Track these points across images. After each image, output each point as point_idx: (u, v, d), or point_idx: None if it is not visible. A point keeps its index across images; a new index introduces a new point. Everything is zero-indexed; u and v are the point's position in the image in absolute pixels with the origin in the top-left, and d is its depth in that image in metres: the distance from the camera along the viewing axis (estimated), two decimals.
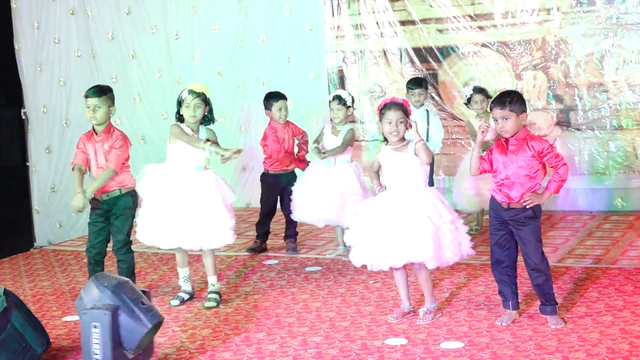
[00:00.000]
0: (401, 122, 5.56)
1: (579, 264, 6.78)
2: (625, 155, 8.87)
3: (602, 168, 8.94)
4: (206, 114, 6.28)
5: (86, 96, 6.27)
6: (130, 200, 6.38)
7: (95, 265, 6.42)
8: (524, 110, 5.39)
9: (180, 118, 6.28)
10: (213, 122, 6.38)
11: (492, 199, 5.50)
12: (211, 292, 6.34)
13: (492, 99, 5.54)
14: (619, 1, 8.72)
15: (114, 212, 6.34)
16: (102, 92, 6.30)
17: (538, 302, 5.52)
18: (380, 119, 5.68)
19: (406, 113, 5.60)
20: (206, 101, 6.24)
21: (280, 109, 7.74)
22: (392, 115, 5.57)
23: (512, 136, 5.36)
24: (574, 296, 5.91)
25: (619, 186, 8.91)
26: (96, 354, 4.68)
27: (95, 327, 4.68)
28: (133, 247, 6.49)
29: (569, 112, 9.02)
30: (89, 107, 6.24)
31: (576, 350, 4.87)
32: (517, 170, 5.34)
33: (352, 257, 5.69)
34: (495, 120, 5.38)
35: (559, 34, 9.01)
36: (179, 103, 6.25)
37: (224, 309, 6.16)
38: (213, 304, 6.23)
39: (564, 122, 9.02)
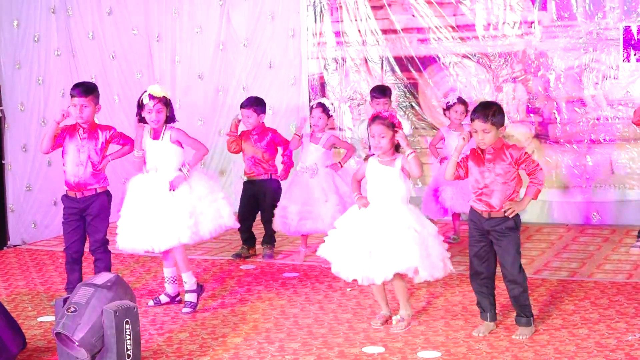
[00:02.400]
0: (383, 137, 5.58)
1: (555, 277, 6.83)
2: (602, 169, 8.95)
3: (579, 181, 9.02)
4: (168, 114, 6.24)
5: (72, 95, 6.24)
6: (105, 199, 6.40)
7: (74, 263, 6.42)
8: (503, 124, 5.44)
9: (141, 119, 6.23)
10: (174, 120, 6.34)
11: (472, 211, 5.54)
12: (187, 291, 6.29)
13: (473, 110, 5.54)
14: (599, 16, 8.80)
15: (90, 212, 6.33)
16: (89, 90, 6.28)
17: (514, 313, 5.57)
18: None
19: (392, 126, 5.61)
20: (167, 103, 6.21)
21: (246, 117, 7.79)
22: (375, 129, 5.62)
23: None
24: (550, 308, 5.96)
25: (595, 200, 8.98)
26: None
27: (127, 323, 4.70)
28: (111, 249, 6.47)
29: (547, 125, 9.09)
30: (75, 106, 6.21)
31: None
32: (495, 179, 5.38)
33: (341, 272, 5.67)
34: (475, 131, 5.42)
35: (540, 47, 9.09)
36: (140, 106, 6.21)
37: (200, 312, 6.15)
38: (188, 309, 6.20)
39: (542, 135, 9.10)
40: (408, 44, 9.59)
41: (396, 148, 5.66)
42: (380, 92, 8.02)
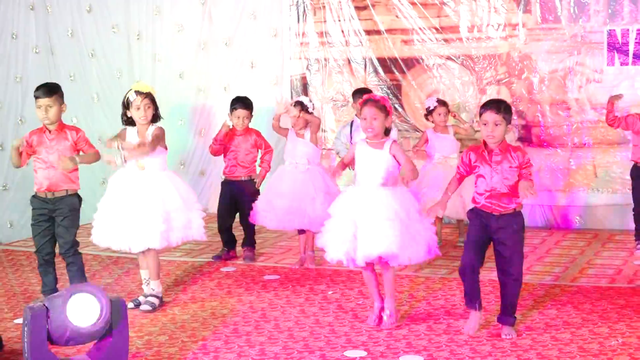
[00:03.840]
0: (375, 119, 5.59)
1: (538, 281, 6.86)
2: (585, 173, 9.00)
3: (562, 185, 9.06)
4: (154, 112, 6.27)
5: (36, 97, 6.24)
6: (76, 201, 6.38)
7: (47, 266, 6.43)
8: (511, 122, 5.44)
9: (128, 121, 6.26)
10: (159, 119, 6.35)
11: (477, 211, 5.52)
12: (150, 295, 6.32)
13: (484, 104, 5.52)
14: (583, 19, 8.86)
15: (59, 213, 6.31)
16: (52, 91, 6.26)
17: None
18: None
19: (384, 109, 5.63)
20: (154, 100, 6.25)
21: (238, 117, 7.77)
22: (367, 111, 5.62)
23: (496, 144, 5.41)
24: (532, 313, 5.98)
25: (578, 204, 9.04)
26: None
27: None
28: (88, 250, 6.45)
29: (531, 128, 9.13)
30: (40, 107, 6.22)
31: None
32: (502, 181, 5.39)
33: (327, 255, 5.70)
34: (484, 124, 5.40)
35: (524, 50, 9.14)
36: (126, 105, 6.22)
37: (180, 315, 6.14)
38: (148, 307, 6.21)
39: (525, 138, 9.13)
40: (392, 45, 9.61)
41: (386, 132, 5.67)
42: (362, 93, 8.04)
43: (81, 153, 6.32)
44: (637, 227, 7.87)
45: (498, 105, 5.41)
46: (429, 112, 8.21)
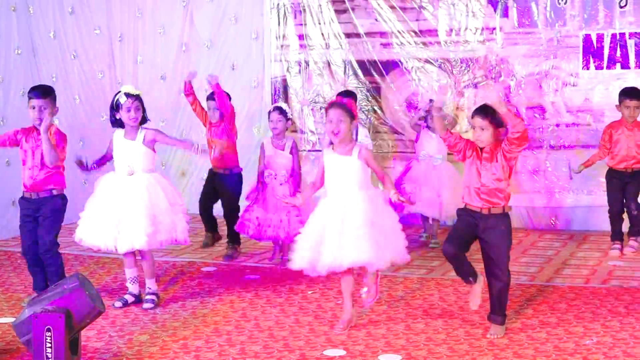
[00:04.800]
0: (342, 122, 5.51)
1: (514, 281, 6.84)
2: (561, 175, 9.04)
3: (538, 187, 9.10)
4: (143, 115, 6.28)
5: (30, 97, 6.21)
6: (60, 202, 6.35)
7: (34, 265, 6.41)
8: (502, 126, 5.45)
9: (117, 122, 6.25)
10: (147, 121, 6.34)
11: (466, 208, 5.55)
12: (148, 294, 6.32)
13: (475, 108, 5.60)
14: (559, 24, 8.89)
15: (41, 214, 6.28)
16: (47, 93, 6.27)
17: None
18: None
19: (350, 113, 5.56)
20: (142, 102, 6.26)
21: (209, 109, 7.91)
22: (332, 114, 5.54)
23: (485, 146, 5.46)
24: (509, 312, 5.95)
25: (554, 205, 9.07)
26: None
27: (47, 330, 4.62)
28: (70, 250, 6.42)
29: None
30: (34, 108, 6.18)
31: None
32: (491, 178, 5.42)
33: (291, 264, 5.68)
34: (473, 128, 5.47)
35: (501, 54, 9.16)
36: (116, 108, 6.21)
37: (161, 314, 6.11)
38: (150, 305, 6.22)
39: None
40: (371, 48, 9.61)
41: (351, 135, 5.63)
42: (345, 95, 8.07)
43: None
44: (612, 228, 7.92)
45: (485, 111, 5.44)
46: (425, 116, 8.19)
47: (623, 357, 5.07)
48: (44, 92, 6.25)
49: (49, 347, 4.53)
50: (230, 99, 7.84)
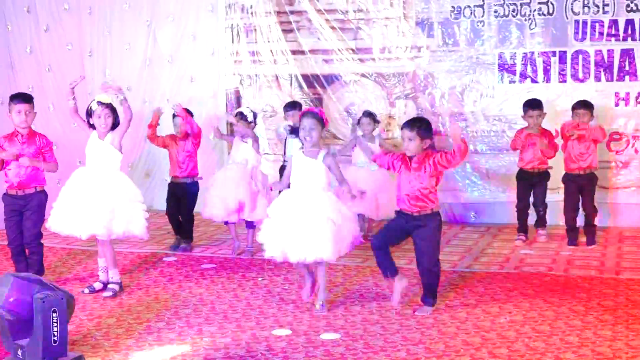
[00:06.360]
0: (313, 129, 5.55)
1: None
2: (479, 175, 9.13)
3: (459, 185, 9.18)
4: (114, 121, 6.17)
5: (15, 103, 6.18)
6: (43, 197, 6.34)
7: (18, 255, 6.42)
8: (428, 137, 5.48)
9: (92, 126, 6.18)
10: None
11: (400, 211, 5.60)
12: (110, 283, 6.23)
13: (404, 122, 5.63)
14: (478, 43, 8.99)
15: (29, 208, 6.27)
16: (30, 98, 6.33)
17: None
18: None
19: (321, 122, 5.60)
20: (114, 110, 6.15)
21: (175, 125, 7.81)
22: (306, 122, 5.59)
23: (414, 155, 5.47)
24: None
25: (473, 201, 9.17)
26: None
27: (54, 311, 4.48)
28: (45, 242, 6.34)
29: (433, 137, 9.18)
30: (20, 112, 6.16)
31: (436, 342, 4.99)
32: (420, 186, 5.45)
33: (265, 253, 5.65)
34: (402, 139, 5.51)
35: (428, 69, 9.22)
36: (89, 114, 6.13)
37: (127, 300, 6.04)
38: (110, 293, 6.12)
39: (429, 146, 9.17)
40: (314, 63, 9.61)
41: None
42: (291, 106, 8.35)
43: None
44: (519, 221, 8.04)
45: (412, 124, 5.49)
46: (358, 122, 8.21)
47: (532, 333, 5.14)
48: (27, 98, 6.30)
49: (55, 328, 4.41)
50: (192, 115, 7.80)
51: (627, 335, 5.05)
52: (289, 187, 5.77)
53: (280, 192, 6.06)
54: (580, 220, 7.83)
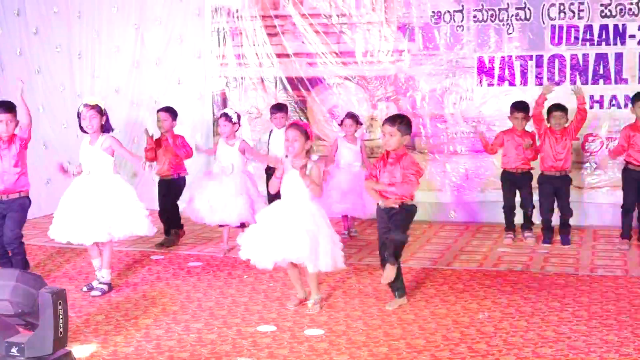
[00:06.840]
0: (296, 141, 5.50)
1: (419, 265, 6.95)
2: (458, 175, 9.16)
3: (440, 185, 9.20)
4: (103, 123, 6.13)
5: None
6: (26, 202, 6.37)
7: (1, 257, 6.37)
8: (408, 134, 5.52)
9: (83, 129, 6.14)
10: (111, 130, 6.23)
11: (378, 206, 5.69)
12: (100, 282, 6.20)
13: (386, 117, 5.67)
14: (458, 47, 9.01)
15: (11, 210, 6.28)
16: (12, 107, 6.26)
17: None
18: None
19: (305, 133, 5.55)
20: (101, 112, 6.09)
21: (158, 120, 7.82)
22: (289, 133, 5.55)
23: (393, 150, 5.50)
24: (415, 292, 6.06)
25: (453, 200, 9.19)
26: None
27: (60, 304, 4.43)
28: (34, 241, 6.31)
29: (414, 138, 9.22)
30: (1, 122, 6.12)
31: (417, 338, 5.00)
32: (390, 180, 5.48)
33: (240, 253, 5.64)
34: (383, 134, 5.50)
35: (409, 72, 9.23)
36: (79, 116, 6.10)
37: (115, 297, 6.02)
38: (98, 293, 6.09)
39: (409, 146, 9.21)
40: (298, 66, 9.60)
41: (306, 153, 5.61)
42: (277, 108, 8.35)
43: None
44: (506, 221, 8.04)
45: (393, 120, 5.52)
46: (340, 123, 8.21)
47: (510, 328, 5.17)
48: (8, 107, 6.23)
49: (61, 319, 4.37)
50: (177, 115, 7.80)
51: (601, 331, 5.09)
52: (279, 195, 5.74)
53: (270, 200, 6.04)
54: (555, 220, 7.86)
